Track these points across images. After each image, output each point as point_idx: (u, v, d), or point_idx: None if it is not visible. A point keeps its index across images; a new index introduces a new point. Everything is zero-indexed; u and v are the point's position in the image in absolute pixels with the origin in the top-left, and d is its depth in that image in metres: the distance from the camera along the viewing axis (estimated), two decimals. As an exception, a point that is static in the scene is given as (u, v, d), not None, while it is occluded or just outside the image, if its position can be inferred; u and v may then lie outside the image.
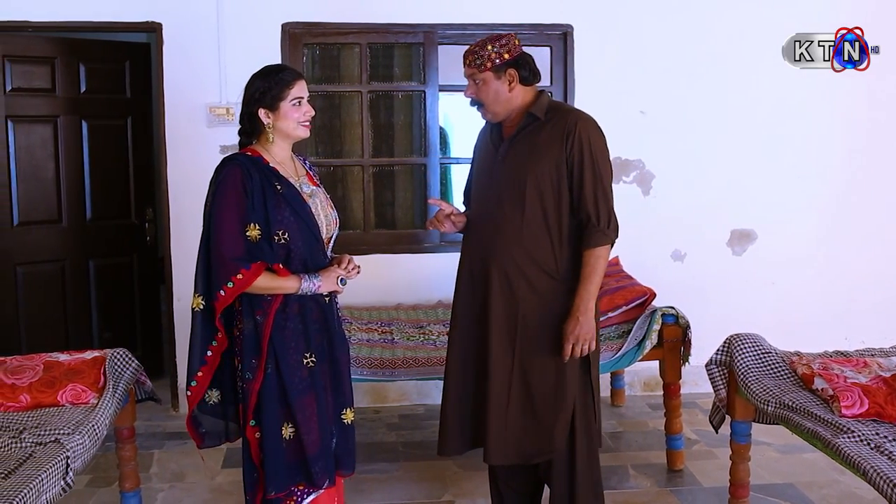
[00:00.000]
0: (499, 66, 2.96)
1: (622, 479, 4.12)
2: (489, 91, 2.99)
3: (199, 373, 2.78)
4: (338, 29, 5.07)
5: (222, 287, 2.63)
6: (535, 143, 2.97)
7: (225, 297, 2.64)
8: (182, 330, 4.97)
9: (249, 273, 2.61)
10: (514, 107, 3.02)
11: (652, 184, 5.28)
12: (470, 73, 3.01)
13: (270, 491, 2.71)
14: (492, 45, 2.96)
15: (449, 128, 6.06)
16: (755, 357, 3.43)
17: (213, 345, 2.77)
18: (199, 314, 2.74)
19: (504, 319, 3.00)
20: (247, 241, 2.65)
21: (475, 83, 3.00)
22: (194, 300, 2.74)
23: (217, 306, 2.67)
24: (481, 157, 3.19)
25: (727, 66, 5.24)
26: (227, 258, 2.62)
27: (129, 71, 5.47)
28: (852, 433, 2.81)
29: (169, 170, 4.97)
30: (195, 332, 2.77)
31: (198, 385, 2.79)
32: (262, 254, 2.66)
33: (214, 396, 2.85)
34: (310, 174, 2.91)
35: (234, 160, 2.72)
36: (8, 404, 3.15)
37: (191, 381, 2.79)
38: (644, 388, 5.41)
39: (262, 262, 2.64)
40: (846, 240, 5.44)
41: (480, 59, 2.96)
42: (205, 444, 2.91)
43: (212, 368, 2.79)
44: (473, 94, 3.03)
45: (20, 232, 5.11)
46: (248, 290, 2.65)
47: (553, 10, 5.14)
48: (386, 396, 5.26)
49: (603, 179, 2.96)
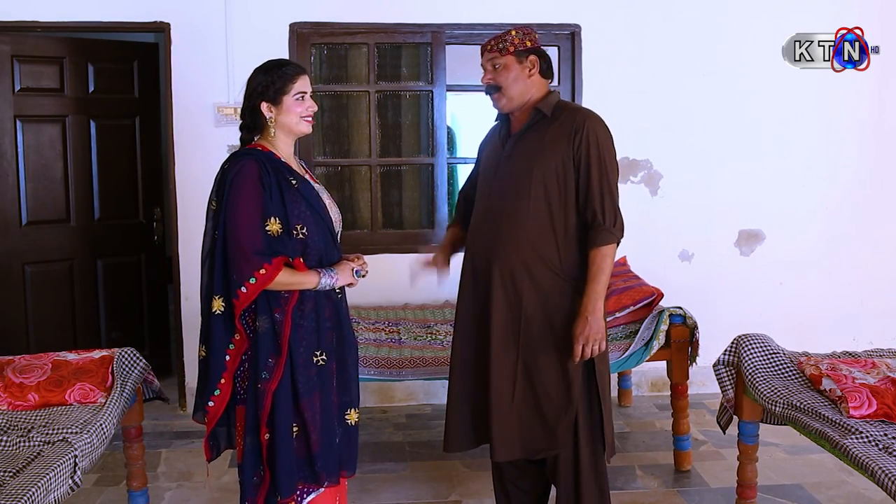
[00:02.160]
0: (521, 51, 2.97)
1: (629, 480, 4.11)
2: (509, 75, 2.98)
3: (222, 380, 2.66)
4: (345, 29, 5.08)
5: (244, 283, 2.53)
6: (542, 140, 2.97)
7: (247, 293, 2.54)
8: (190, 329, 4.99)
9: (272, 268, 2.54)
10: (529, 97, 3.01)
11: (660, 184, 5.27)
12: (490, 58, 3.00)
13: (281, 496, 2.64)
14: (516, 31, 2.98)
15: (456, 128, 6.06)
16: (763, 357, 3.42)
17: (230, 348, 2.66)
18: (219, 318, 2.63)
19: (506, 316, 3.00)
20: (266, 236, 2.58)
21: (494, 68, 2.99)
22: (214, 303, 2.63)
23: (238, 304, 2.57)
24: (487, 156, 3.19)
25: (735, 66, 5.23)
26: (249, 253, 2.53)
27: (138, 71, 5.48)
28: (860, 434, 2.80)
29: (177, 169, 4.98)
30: (217, 338, 2.65)
31: (221, 394, 2.67)
32: (284, 248, 2.59)
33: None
34: (309, 173, 2.90)
35: (249, 154, 2.66)
36: (16, 403, 3.16)
37: (213, 391, 2.66)
38: (651, 389, 5.41)
39: (283, 257, 2.57)
40: (854, 240, 5.42)
41: (503, 43, 2.96)
42: (213, 457, 2.83)
43: (231, 374, 2.67)
44: (492, 78, 3.01)
45: (28, 231, 5.13)
46: (269, 287, 2.56)
47: (561, 9, 5.13)
48: (393, 396, 5.26)
49: (609, 178, 2.95)
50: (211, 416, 2.70)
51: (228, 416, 2.78)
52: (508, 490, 3.30)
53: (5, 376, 3.23)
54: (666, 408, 4.63)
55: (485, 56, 3.03)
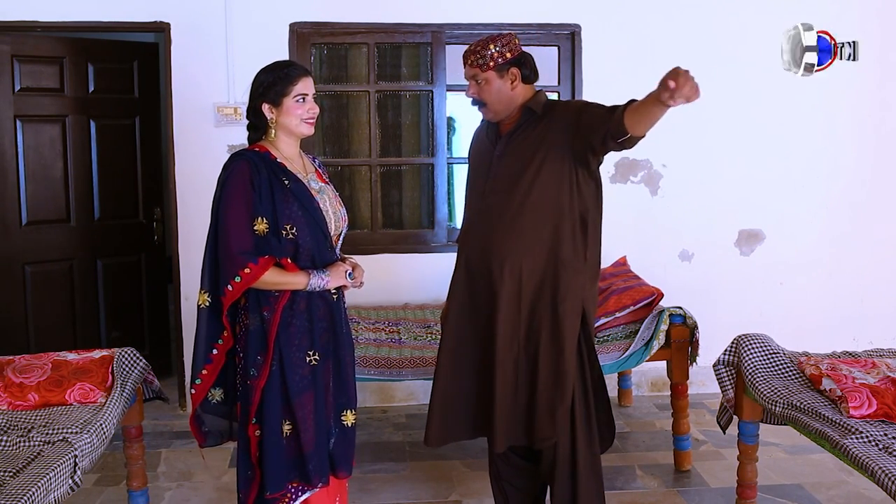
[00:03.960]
0: (501, 65, 2.98)
1: (629, 480, 4.11)
2: (492, 90, 3.00)
3: (204, 371, 2.78)
4: (346, 29, 5.08)
5: (230, 282, 2.61)
6: (536, 137, 2.99)
7: (232, 291, 2.62)
8: (190, 329, 4.98)
9: (257, 267, 2.60)
10: (516, 105, 3.04)
11: (660, 184, 5.27)
12: (472, 74, 3.02)
13: (268, 491, 2.70)
14: (493, 44, 2.98)
15: (456, 127, 6.06)
16: (763, 357, 3.43)
17: (218, 343, 2.76)
18: (205, 311, 2.74)
19: (509, 309, 3.01)
20: (254, 236, 2.64)
21: (477, 83, 3.02)
22: (200, 297, 2.74)
23: (224, 301, 2.65)
24: (477, 157, 3.20)
25: (735, 66, 5.22)
26: (234, 252, 2.61)
27: (138, 71, 5.48)
28: (860, 434, 2.81)
29: (177, 169, 4.98)
30: (200, 330, 2.77)
31: (202, 383, 2.79)
32: (270, 248, 2.64)
33: (217, 395, 2.85)
34: (319, 171, 2.91)
35: (242, 156, 2.71)
36: (16, 403, 3.16)
37: (195, 380, 2.79)
38: (651, 389, 5.41)
39: (270, 257, 2.63)
40: (854, 240, 5.43)
41: (483, 59, 2.97)
42: (206, 444, 2.92)
43: (216, 367, 2.78)
44: (476, 94, 3.03)
45: (28, 231, 5.13)
46: (256, 286, 2.64)
47: (561, 9, 5.13)
48: (393, 396, 5.26)
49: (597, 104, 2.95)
50: (194, 398, 2.82)
51: (231, 411, 2.86)
52: (505, 489, 3.31)
53: (5, 376, 3.23)
54: (666, 408, 4.63)
55: (466, 68, 3.04)
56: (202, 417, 2.88)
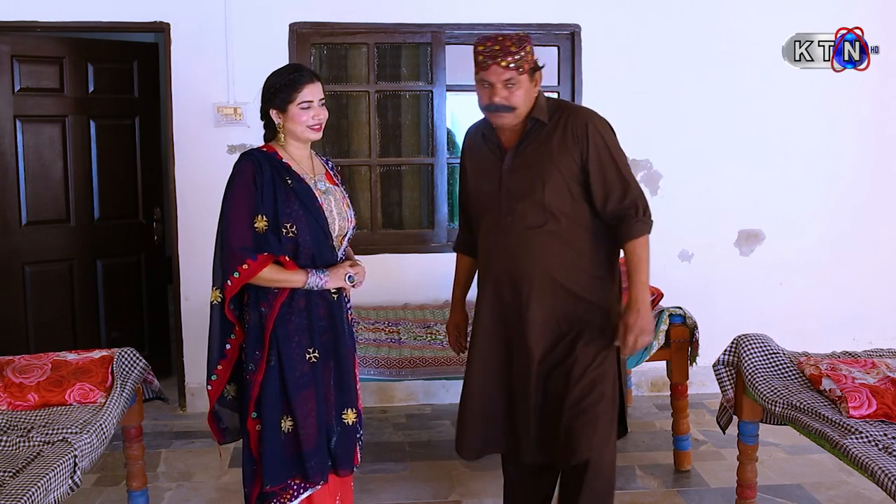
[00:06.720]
0: (534, 68, 2.80)
1: (629, 480, 4.11)
2: (522, 94, 2.77)
3: (219, 366, 2.82)
4: (345, 29, 5.08)
5: (229, 277, 2.67)
6: (547, 150, 2.83)
7: (231, 286, 2.68)
8: (190, 329, 4.99)
9: (256, 264, 2.65)
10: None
11: (659, 184, 5.27)
12: (507, 77, 2.73)
13: (267, 484, 2.74)
14: (528, 43, 2.76)
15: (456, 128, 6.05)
16: (763, 357, 3.42)
17: (231, 338, 2.81)
18: (217, 307, 2.78)
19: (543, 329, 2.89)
20: (254, 233, 2.68)
21: (508, 87, 2.75)
22: (212, 294, 2.79)
23: (224, 295, 2.72)
24: (482, 170, 3.00)
25: (735, 66, 5.22)
26: (234, 248, 2.67)
27: (137, 71, 5.48)
28: (860, 434, 2.80)
29: (177, 169, 4.98)
30: (214, 326, 2.82)
31: (218, 379, 2.83)
32: (269, 245, 2.68)
33: (231, 391, 2.89)
34: (329, 173, 2.94)
35: (249, 155, 2.78)
36: (16, 403, 3.16)
37: (211, 376, 2.83)
38: (651, 389, 5.41)
39: (269, 255, 2.67)
40: (854, 241, 5.43)
41: (521, 61, 2.73)
42: (225, 441, 2.95)
43: (231, 362, 2.83)
44: (506, 99, 2.76)
45: (28, 231, 5.13)
46: (254, 282, 2.69)
47: (561, 9, 5.13)
48: (393, 396, 5.26)
49: (625, 172, 2.85)
50: (211, 394, 2.85)
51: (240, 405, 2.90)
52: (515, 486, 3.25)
53: (5, 376, 3.23)
54: (666, 408, 4.63)
55: (499, 70, 2.73)
56: (219, 414, 2.91)
